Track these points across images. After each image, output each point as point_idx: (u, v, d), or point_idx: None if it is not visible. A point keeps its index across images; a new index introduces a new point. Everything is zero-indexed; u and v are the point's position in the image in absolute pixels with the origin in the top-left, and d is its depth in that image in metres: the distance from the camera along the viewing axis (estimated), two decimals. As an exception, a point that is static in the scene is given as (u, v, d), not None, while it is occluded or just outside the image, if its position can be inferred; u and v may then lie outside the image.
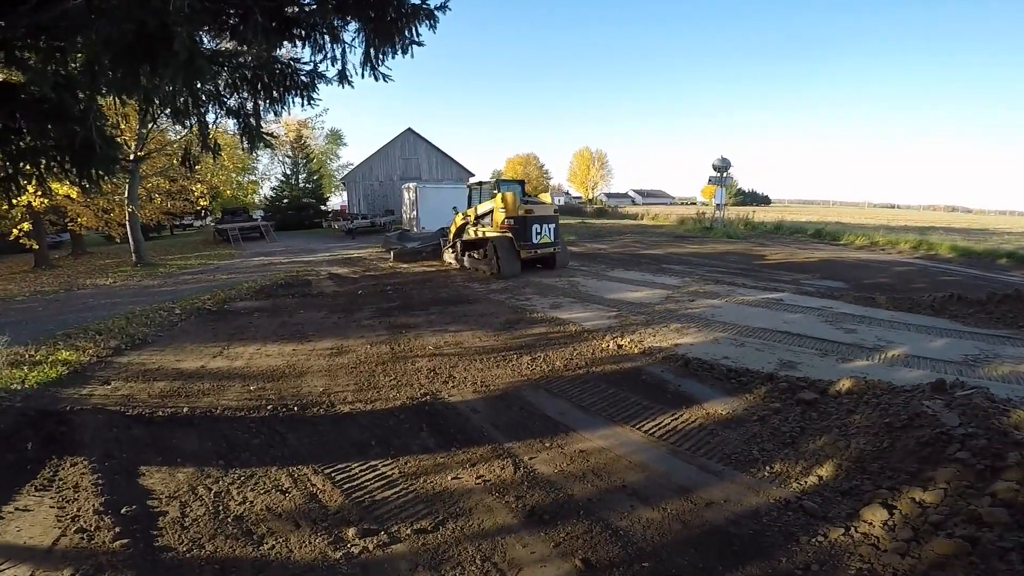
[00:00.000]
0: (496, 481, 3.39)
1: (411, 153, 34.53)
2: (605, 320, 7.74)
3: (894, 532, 2.84)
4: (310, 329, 7.57)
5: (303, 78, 5.19)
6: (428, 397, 4.79)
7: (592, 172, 75.23)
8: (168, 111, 5.07)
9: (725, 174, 21.76)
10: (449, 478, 3.44)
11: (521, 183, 13.60)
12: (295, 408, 4.66)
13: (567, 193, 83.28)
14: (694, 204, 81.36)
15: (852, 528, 2.95)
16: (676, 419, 4.39)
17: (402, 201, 24.41)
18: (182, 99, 4.33)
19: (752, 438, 4.04)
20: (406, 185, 23.53)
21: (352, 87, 5.26)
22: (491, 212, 12.43)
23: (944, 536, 2.72)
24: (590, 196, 73.55)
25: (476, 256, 13.01)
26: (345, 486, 3.42)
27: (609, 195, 78.05)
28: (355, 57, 5.05)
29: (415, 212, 21.67)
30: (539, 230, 11.99)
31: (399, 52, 5.08)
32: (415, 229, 21.55)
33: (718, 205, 23.35)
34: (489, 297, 9.60)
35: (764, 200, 74.54)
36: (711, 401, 4.76)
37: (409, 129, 34.62)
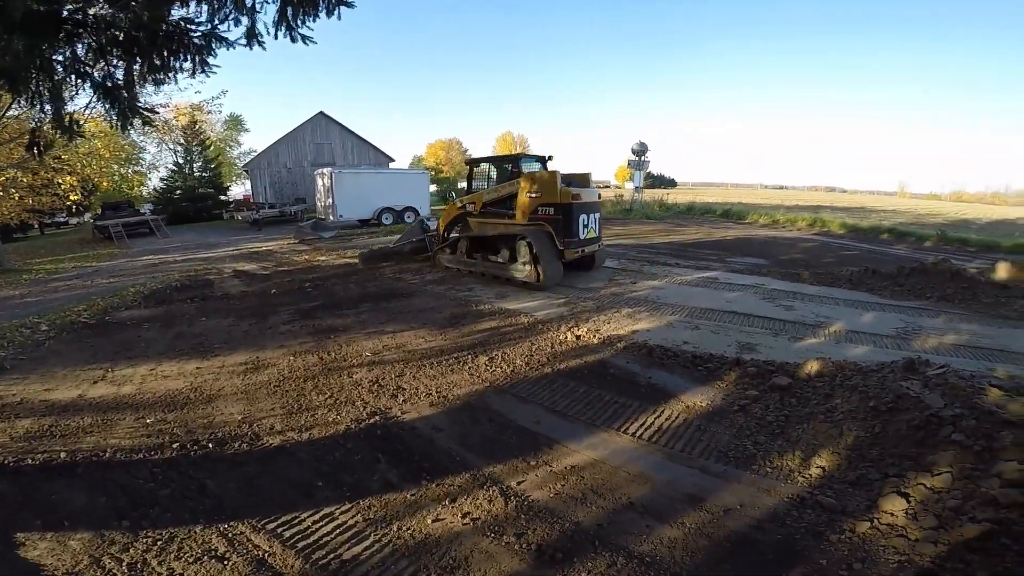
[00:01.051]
0: (487, 518, 2.82)
1: (323, 138, 31.93)
2: (555, 308, 7.35)
3: (918, 521, 2.68)
4: (216, 340, 6.39)
5: (196, 40, 4.15)
6: (377, 417, 4.06)
7: None
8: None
9: (643, 158, 22.34)
10: (429, 521, 2.81)
11: (543, 159, 10.11)
12: (210, 444, 3.73)
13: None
14: (608, 187, 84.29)
15: (876, 520, 2.76)
16: (659, 417, 4.08)
17: (315, 188, 22.42)
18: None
19: (741, 431, 3.82)
20: (320, 171, 21.60)
21: (264, 48, 4.29)
22: (512, 198, 9.32)
23: (968, 521, 2.58)
24: (515, 179, 73.31)
25: (494, 259, 9.62)
26: (299, 545, 2.67)
27: (531, 179, 78.42)
28: (267, 17, 4.13)
29: (331, 200, 19.95)
30: (586, 221, 9.01)
31: (323, 13, 4.23)
32: (331, 218, 19.89)
33: (636, 188, 24.00)
34: (426, 290, 8.84)
35: (671, 183, 79.00)
36: (687, 392, 4.52)
37: (321, 113, 31.98)
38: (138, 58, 4.07)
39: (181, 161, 31.51)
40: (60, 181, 17.41)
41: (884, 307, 7.55)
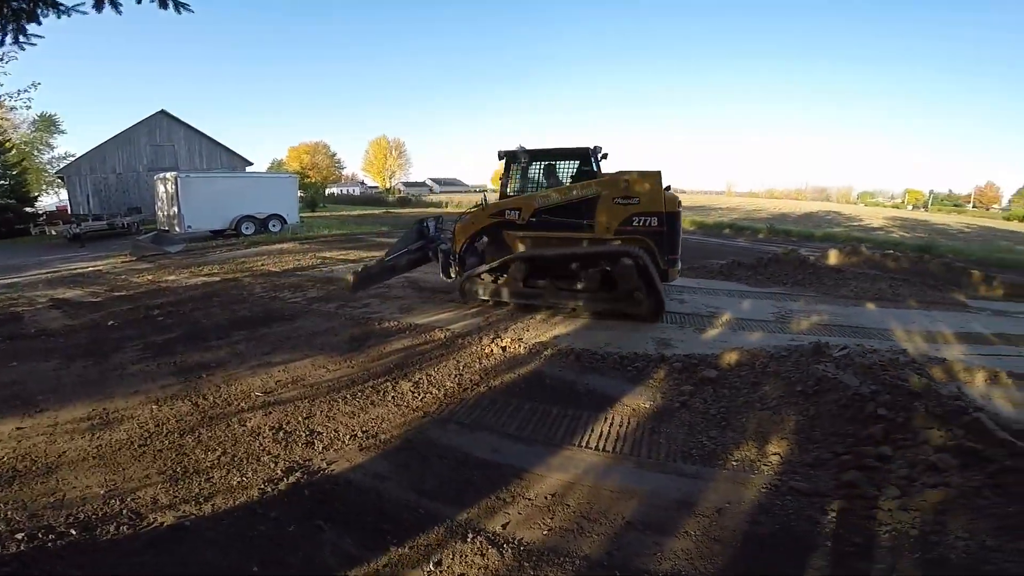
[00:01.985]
0: (487, 579, 2.33)
1: (164, 139, 27.19)
2: (469, 319, 6.91)
3: (885, 493, 2.82)
4: (39, 390, 4.80)
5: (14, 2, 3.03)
6: (298, 474, 3.25)
7: (390, 161, 72.49)
8: None
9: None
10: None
11: (593, 150, 7.40)
12: (72, 530, 2.65)
13: (363, 183, 78.82)
14: (485, 191, 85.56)
15: (849, 496, 2.87)
16: (611, 425, 3.92)
17: (155, 196, 18.92)
18: None
19: (692, 428, 3.81)
20: (161, 176, 18.22)
21: (119, 13, 3.23)
22: (586, 204, 7.02)
23: (923, 487, 2.77)
24: (388, 185, 71.02)
25: (565, 286, 7.02)
26: None
27: (407, 184, 76.39)
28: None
29: (176, 208, 16.96)
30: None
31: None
32: (177, 230, 16.95)
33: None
34: (313, 308, 7.76)
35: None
36: (627, 395, 4.44)
37: (162, 111, 27.14)
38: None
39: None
40: None
41: (755, 295, 8.46)
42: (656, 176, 6.81)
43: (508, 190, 7.86)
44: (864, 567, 2.29)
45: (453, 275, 8.08)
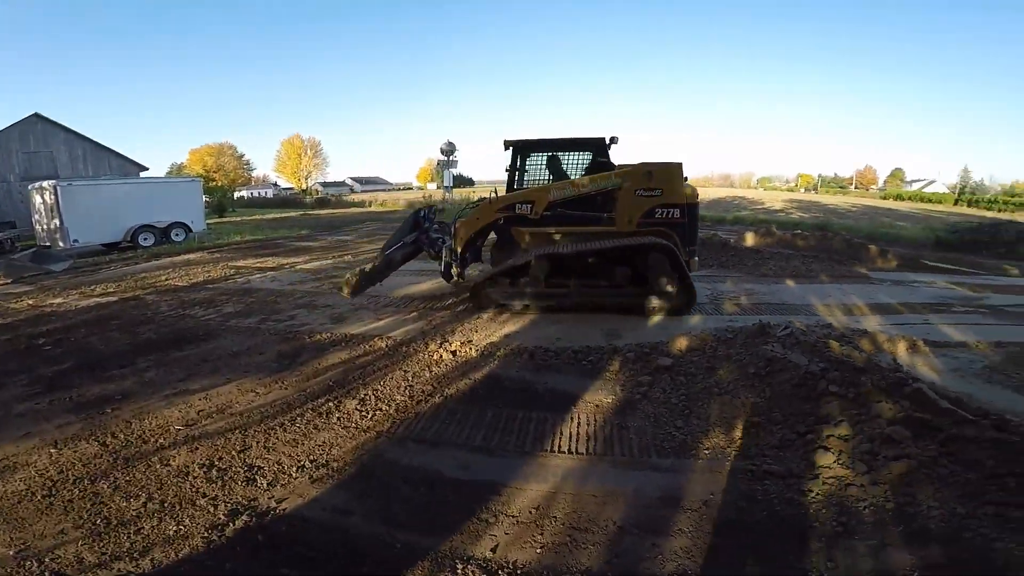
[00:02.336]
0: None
1: (41, 145, 23.58)
2: (410, 324, 6.53)
3: (853, 469, 2.91)
4: None
5: None
6: (247, 517, 2.79)
7: (305, 161, 68.69)
8: None
9: (451, 157, 22.41)
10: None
11: (610, 140, 7.08)
12: None
13: (275, 184, 73.95)
14: (411, 189, 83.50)
15: (821, 476, 2.93)
16: (579, 424, 3.80)
17: (32, 208, 16.36)
18: None
19: (658, 419, 3.79)
20: (36, 186, 15.79)
21: None
22: (603, 196, 6.72)
23: (887, 460, 2.88)
24: (304, 186, 67.26)
25: (593, 283, 6.68)
26: None
27: (325, 184, 72.70)
28: None
29: (56, 221, 14.77)
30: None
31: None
32: (61, 245, 14.82)
33: (447, 188, 24.03)
34: (230, 325, 6.96)
35: (469, 182, 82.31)
36: (587, 391, 4.36)
37: (36, 115, 23.51)
38: None
39: None
40: None
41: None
42: (679, 167, 6.62)
43: (515, 183, 7.33)
44: (856, 545, 2.31)
45: (455, 277, 7.48)
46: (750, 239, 11.77)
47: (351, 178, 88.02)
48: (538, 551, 2.48)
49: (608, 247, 6.40)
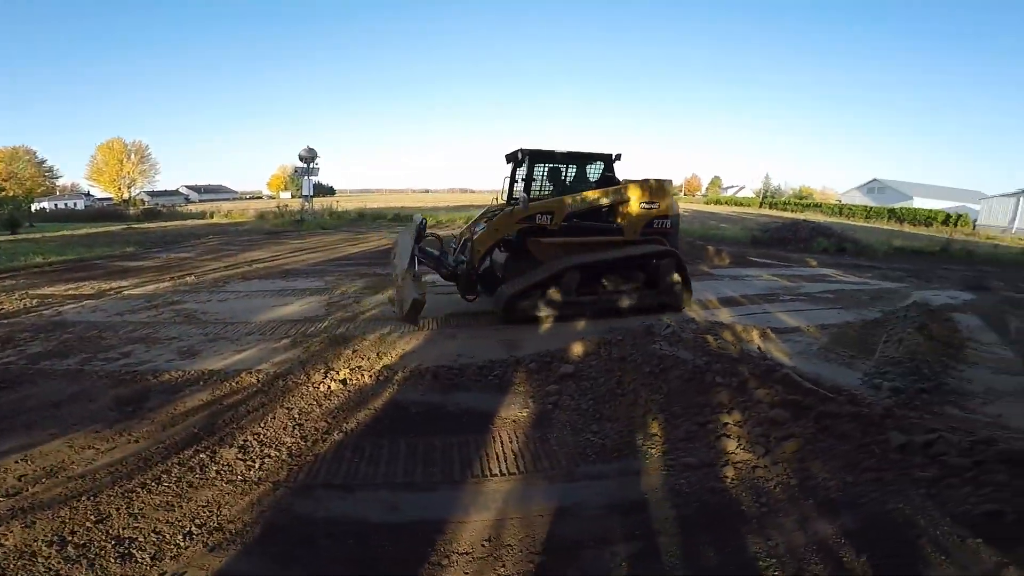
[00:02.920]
0: None
1: None
2: (283, 353, 5.72)
3: (754, 452, 3.21)
4: None
5: None
6: None
7: (127, 167, 57.92)
8: None
9: (312, 164, 20.69)
10: None
11: (612, 156, 7.62)
12: None
13: (88, 194, 60.93)
14: (260, 198, 75.31)
15: (731, 462, 3.19)
16: (502, 443, 3.69)
17: None
18: None
19: (575, 428, 3.85)
20: None
21: None
22: (610, 208, 7.26)
23: (778, 440, 3.23)
24: (125, 196, 56.81)
25: (615, 290, 7.15)
26: None
27: (154, 194, 61.90)
28: None
29: None
30: None
31: None
32: None
33: (306, 197, 22.17)
34: (42, 368, 5.38)
35: (330, 191, 77.13)
36: (500, 406, 4.26)
37: None
38: None
39: None
40: None
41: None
42: (670, 183, 7.47)
43: (514, 195, 7.48)
44: (783, 522, 2.53)
45: (479, 293, 7.28)
46: None
47: (186, 186, 76.76)
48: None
49: (633, 255, 7.10)
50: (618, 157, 7.62)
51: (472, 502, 2.97)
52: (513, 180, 7.53)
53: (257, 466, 3.36)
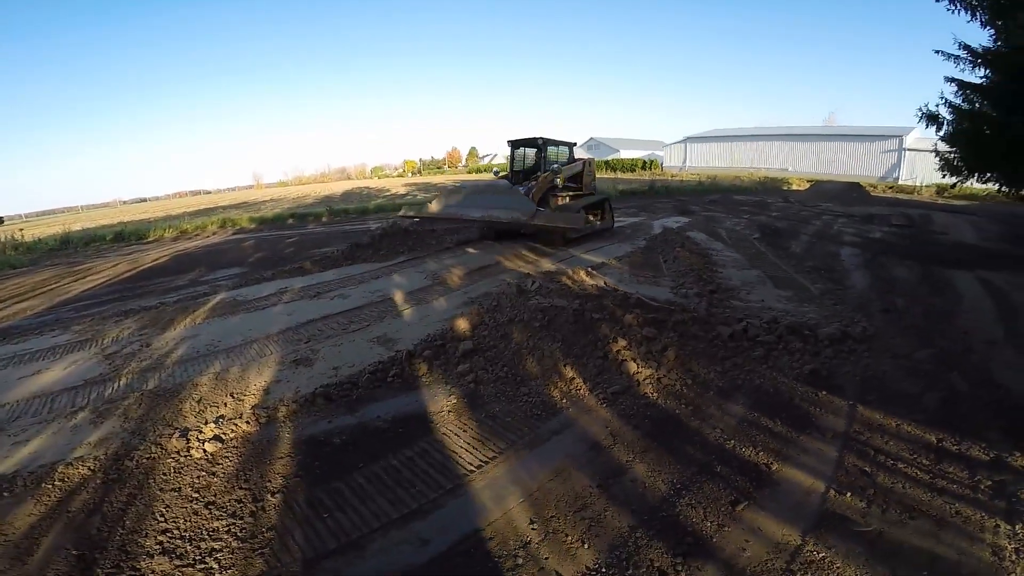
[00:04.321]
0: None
1: None
2: (91, 429, 4.23)
3: (650, 366, 4.12)
4: None
5: None
6: None
7: None
8: None
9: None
10: None
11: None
12: None
13: None
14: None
15: (640, 380, 4.04)
16: (458, 435, 3.71)
17: None
18: None
19: (508, 396, 4.11)
20: None
21: None
22: (577, 175, 11.82)
23: (660, 353, 4.17)
24: None
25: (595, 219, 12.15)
26: None
27: None
28: None
29: None
30: None
31: None
32: None
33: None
34: None
35: (-6, 221, 54.47)
36: (427, 404, 4.19)
37: None
38: None
39: None
40: None
41: (395, 268, 9.12)
42: (593, 160, 12.97)
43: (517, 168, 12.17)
44: (710, 412, 3.35)
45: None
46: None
47: None
48: (574, 554, 2.49)
49: (598, 200, 12.13)
50: (575, 144, 12.62)
51: (486, 499, 3.01)
52: (513, 158, 12.26)
53: (217, 569, 2.66)
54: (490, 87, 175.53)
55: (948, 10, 10.88)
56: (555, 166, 11.21)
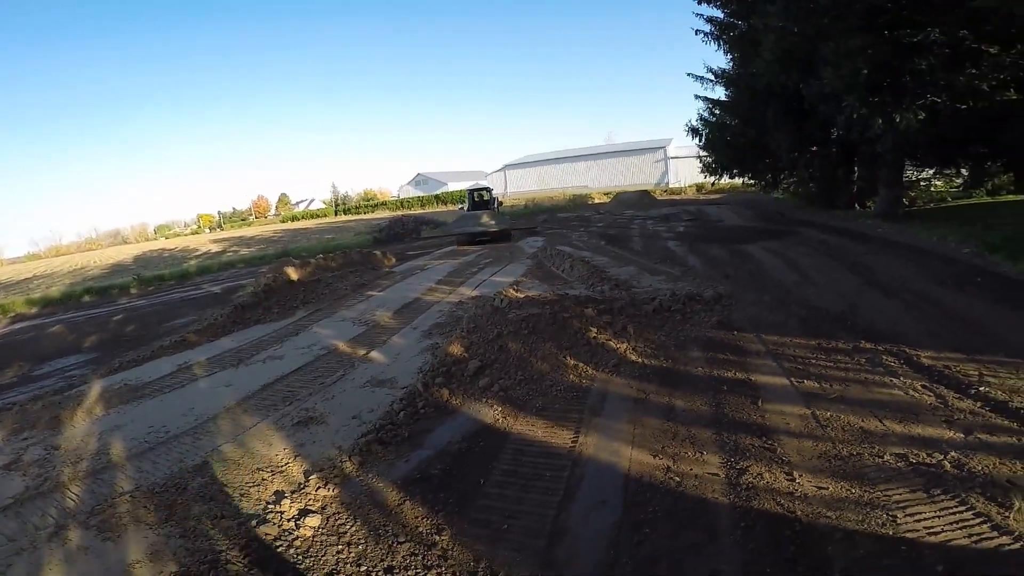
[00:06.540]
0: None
1: None
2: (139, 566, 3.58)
3: (624, 341, 5.46)
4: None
5: None
6: None
7: None
8: None
9: None
10: None
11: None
12: None
13: None
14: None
15: (625, 353, 5.33)
16: (524, 448, 4.22)
17: None
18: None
19: (541, 391, 4.89)
20: None
21: None
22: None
23: (623, 329, 5.55)
24: None
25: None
26: None
27: None
28: None
29: None
30: None
31: None
32: None
33: None
34: None
35: None
36: (479, 417, 4.57)
37: None
38: None
39: None
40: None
41: (305, 323, 8.72)
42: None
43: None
44: (683, 362, 4.77)
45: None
46: (294, 273, 12.20)
47: None
48: (704, 461, 3.57)
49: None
50: (491, 189, 21.41)
51: (606, 458, 3.72)
52: (472, 198, 20.43)
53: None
54: (297, 127, 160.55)
55: (703, 42, 15.98)
56: (496, 200, 20.32)
